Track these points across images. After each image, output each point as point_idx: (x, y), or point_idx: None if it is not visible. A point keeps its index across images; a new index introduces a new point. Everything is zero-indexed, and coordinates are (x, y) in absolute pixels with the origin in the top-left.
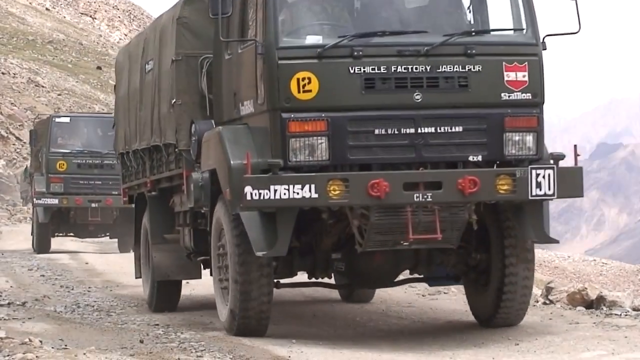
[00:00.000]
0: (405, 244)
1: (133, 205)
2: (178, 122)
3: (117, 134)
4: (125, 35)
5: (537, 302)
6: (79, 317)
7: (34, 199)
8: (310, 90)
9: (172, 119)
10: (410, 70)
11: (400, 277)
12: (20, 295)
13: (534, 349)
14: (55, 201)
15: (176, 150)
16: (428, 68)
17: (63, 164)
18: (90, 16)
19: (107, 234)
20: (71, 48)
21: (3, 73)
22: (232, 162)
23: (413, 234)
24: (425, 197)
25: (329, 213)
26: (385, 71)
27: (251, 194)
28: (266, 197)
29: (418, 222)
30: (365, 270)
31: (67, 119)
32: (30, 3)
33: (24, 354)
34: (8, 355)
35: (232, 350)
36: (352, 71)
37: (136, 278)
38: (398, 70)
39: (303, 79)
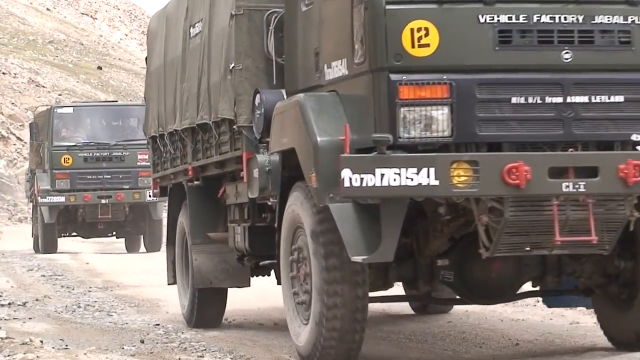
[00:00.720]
0: (546, 248)
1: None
2: (237, 92)
3: (147, 114)
4: (126, 35)
5: (538, 301)
6: (79, 317)
7: (39, 198)
8: (427, 45)
9: (228, 89)
10: (557, 21)
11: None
12: (20, 296)
13: (534, 349)
14: (62, 199)
15: (233, 127)
16: (580, 19)
17: (68, 159)
18: (91, 16)
19: (114, 232)
20: (72, 48)
21: (4, 73)
22: (319, 138)
23: (560, 235)
24: (577, 186)
25: (447, 206)
26: (525, 21)
27: (350, 179)
28: (370, 184)
29: (565, 219)
30: (482, 282)
31: (69, 109)
32: (31, 3)
33: (24, 354)
34: (9, 356)
35: (233, 350)
36: (482, 20)
37: (169, 284)
38: (542, 21)
39: (419, 29)
